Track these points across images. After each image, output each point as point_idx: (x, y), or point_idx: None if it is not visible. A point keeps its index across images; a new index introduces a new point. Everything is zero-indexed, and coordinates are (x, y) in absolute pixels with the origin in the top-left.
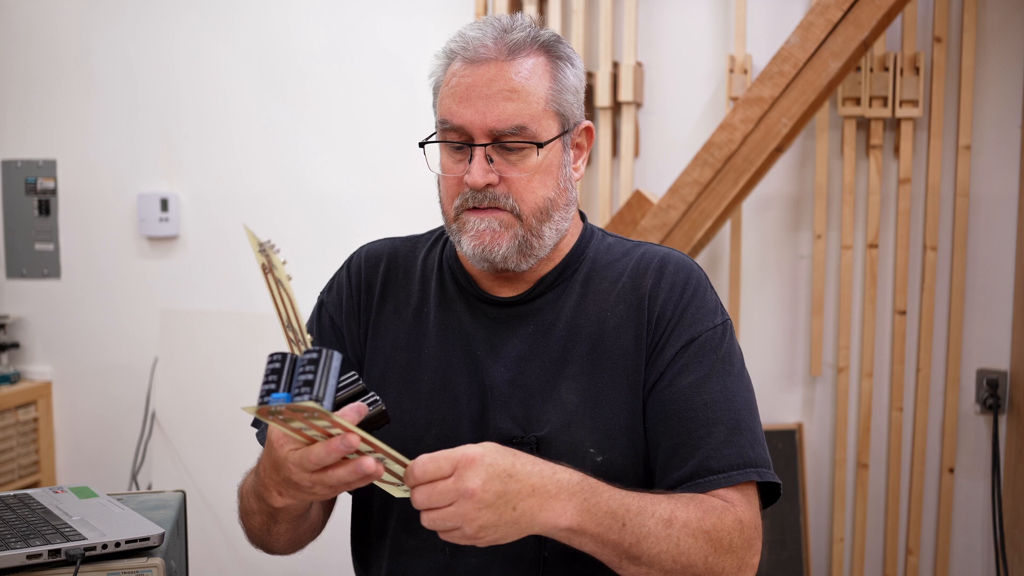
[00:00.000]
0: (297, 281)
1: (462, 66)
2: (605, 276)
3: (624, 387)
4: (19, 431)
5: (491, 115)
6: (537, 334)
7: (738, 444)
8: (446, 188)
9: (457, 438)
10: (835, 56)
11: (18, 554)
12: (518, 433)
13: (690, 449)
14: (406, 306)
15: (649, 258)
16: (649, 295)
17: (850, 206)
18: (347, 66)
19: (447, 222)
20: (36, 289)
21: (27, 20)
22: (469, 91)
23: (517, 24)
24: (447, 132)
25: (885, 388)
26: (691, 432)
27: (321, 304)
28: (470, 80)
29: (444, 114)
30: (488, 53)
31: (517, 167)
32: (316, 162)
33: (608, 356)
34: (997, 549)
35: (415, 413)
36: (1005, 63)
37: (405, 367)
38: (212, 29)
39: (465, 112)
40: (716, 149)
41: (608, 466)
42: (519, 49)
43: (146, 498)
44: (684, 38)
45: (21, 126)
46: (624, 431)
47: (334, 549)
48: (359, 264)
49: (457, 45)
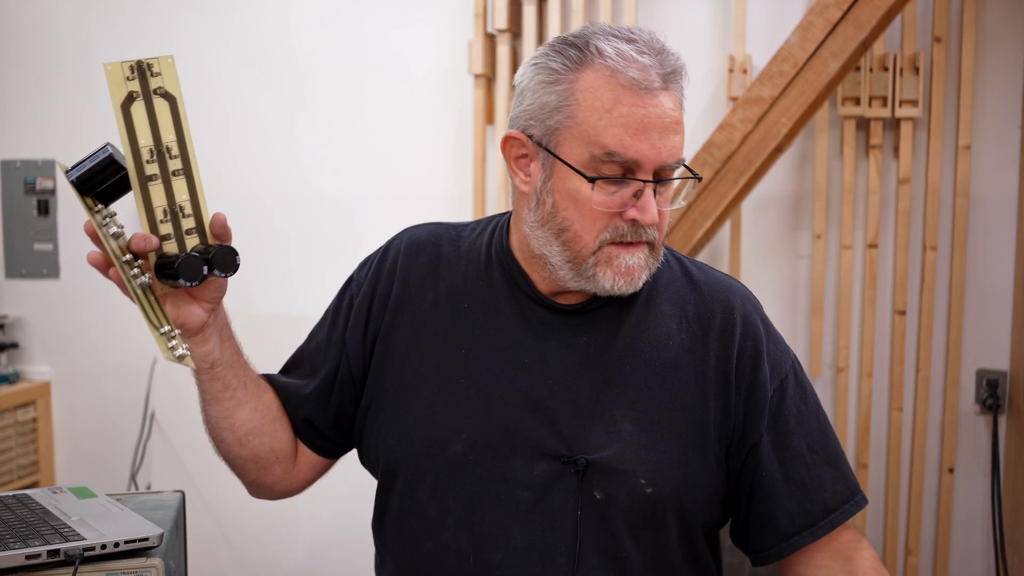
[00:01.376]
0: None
1: (627, 92)
2: (666, 297)
3: (682, 421)
4: (18, 431)
5: (665, 149)
6: (591, 348)
7: (843, 475)
8: (592, 219)
9: (486, 447)
10: (835, 56)
11: (17, 554)
12: (563, 452)
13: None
14: (447, 301)
15: (713, 288)
16: (719, 333)
17: (850, 206)
18: (347, 66)
19: (580, 254)
20: (35, 289)
21: (27, 20)
22: (644, 124)
23: (664, 47)
24: (611, 164)
25: (885, 388)
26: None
27: (350, 281)
28: (643, 111)
29: (614, 146)
30: (656, 82)
31: (665, 199)
32: (316, 162)
33: (668, 386)
34: (997, 549)
35: (446, 415)
36: (1005, 63)
37: (441, 366)
38: (212, 29)
39: (642, 146)
40: (716, 149)
41: (656, 498)
42: (673, 78)
43: (145, 498)
44: (684, 38)
45: (20, 126)
46: (678, 465)
47: (332, 546)
48: (398, 250)
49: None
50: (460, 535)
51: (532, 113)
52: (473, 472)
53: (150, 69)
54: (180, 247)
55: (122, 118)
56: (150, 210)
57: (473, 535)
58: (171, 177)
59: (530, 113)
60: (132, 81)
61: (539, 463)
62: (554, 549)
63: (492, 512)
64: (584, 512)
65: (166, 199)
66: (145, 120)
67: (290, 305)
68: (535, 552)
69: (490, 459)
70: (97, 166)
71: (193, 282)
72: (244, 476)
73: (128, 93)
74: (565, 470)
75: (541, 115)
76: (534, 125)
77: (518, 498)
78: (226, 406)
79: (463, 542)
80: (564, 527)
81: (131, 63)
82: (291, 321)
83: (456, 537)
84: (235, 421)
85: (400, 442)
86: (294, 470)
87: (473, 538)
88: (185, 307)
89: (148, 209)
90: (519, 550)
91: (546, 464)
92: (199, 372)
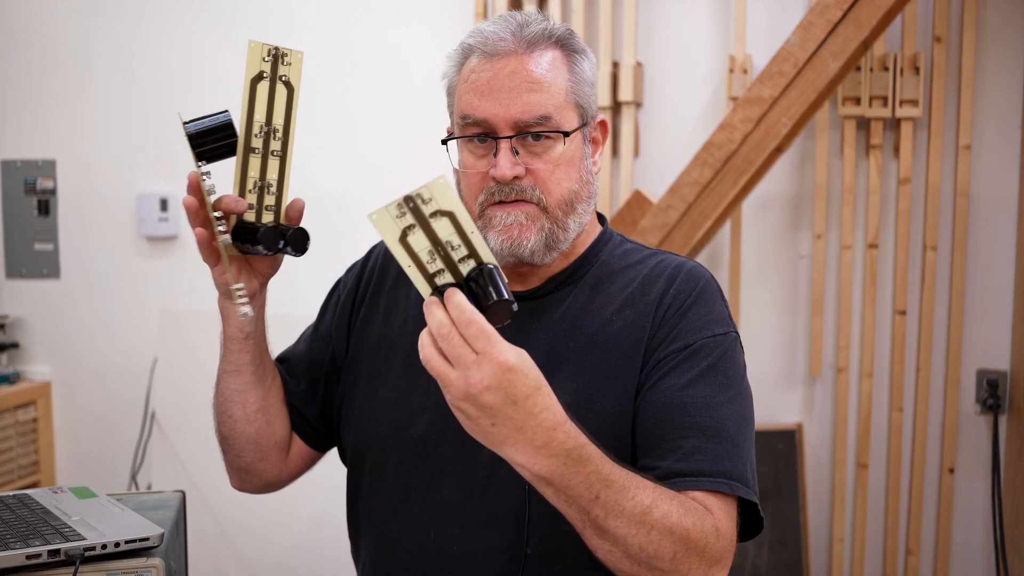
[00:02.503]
0: (298, 280)
1: (480, 61)
2: (615, 281)
3: (617, 390)
4: (18, 431)
5: (515, 106)
6: (539, 331)
7: (713, 452)
8: (468, 185)
9: (446, 427)
10: (835, 56)
11: (17, 554)
12: None
13: (664, 451)
14: (417, 293)
15: (663, 267)
16: (657, 302)
17: (850, 206)
18: (347, 66)
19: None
20: (35, 289)
21: (27, 20)
22: (490, 84)
23: (532, 19)
24: (468, 127)
25: (885, 388)
26: (665, 435)
27: (338, 283)
28: (490, 74)
29: (465, 109)
30: (507, 46)
31: (542, 158)
32: (315, 162)
33: (605, 359)
34: (997, 549)
35: (411, 397)
36: (1005, 63)
37: (408, 352)
38: (211, 29)
39: (488, 105)
40: (716, 149)
41: None
42: (537, 42)
43: (145, 498)
44: (684, 38)
45: (20, 126)
46: (609, 435)
47: (332, 546)
48: (380, 252)
49: (474, 40)
50: (422, 512)
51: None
52: (435, 451)
53: (284, 58)
54: (257, 219)
55: (248, 91)
56: (244, 179)
57: (434, 511)
58: (269, 156)
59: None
60: (266, 62)
61: None
62: (505, 522)
63: (451, 488)
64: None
65: (259, 173)
66: (265, 99)
67: (289, 305)
68: (489, 526)
69: (450, 438)
70: (215, 126)
71: (269, 251)
72: (240, 458)
73: (259, 71)
74: None
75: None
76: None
77: (474, 475)
78: (245, 379)
79: (424, 518)
80: (515, 501)
81: (271, 47)
82: (291, 321)
83: (418, 514)
84: (249, 397)
85: (368, 425)
86: (286, 459)
87: (434, 514)
88: (245, 274)
89: (243, 177)
90: (474, 524)
91: None
92: (232, 341)
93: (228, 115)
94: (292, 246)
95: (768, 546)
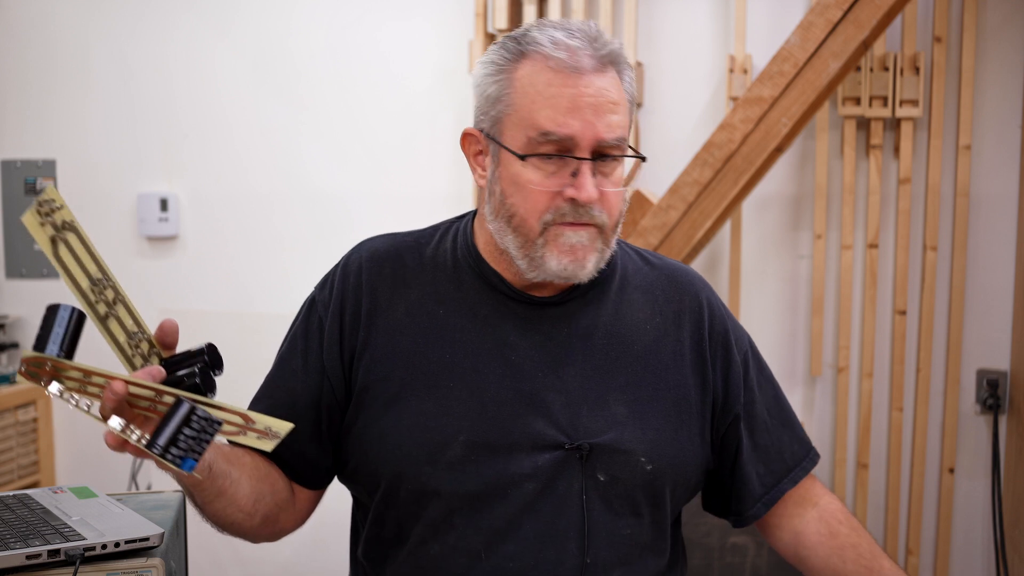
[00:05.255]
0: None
1: (558, 75)
2: (636, 286)
3: (668, 400)
4: (19, 431)
5: (600, 127)
6: (575, 339)
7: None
8: (533, 201)
9: (486, 444)
10: (835, 56)
11: (17, 554)
12: (564, 440)
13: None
14: (420, 309)
15: (675, 274)
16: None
17: (850, 206)
18: (346, 66)
19: (528, 238)
20: (36, 289)
21: (26, 20)
22: (575, 102)
23: (600, 33)
24: (548, 144)
25: (885, 388)
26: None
27: (312, 302)
28: (574, 91)
29: (547, 124)
30: (588, 64)
31: (611, 180)
32: (315, 162)
33: (651, 368)
34: (997, 549)
35: (441, 420)
36: (1005, 63)
37: (427, 374)
38: (211, 29)
39: (575, 123)
40: (716, 149)
41: (655, 475)
42: (612, 61)
43: (146, 498)
44: (684, 38)
45: (20, 126)
46: (670, 442)
47: (333, 546)
48: (359, 264)
49: (544, 49)
50: (468, 533)
51: (481, 107)
52: (476, 472)
53: (50, 204)
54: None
55: (59, 266)
56: (122, 349)
57: (482, 532)
58: (113, 308)
59: (480, 108)
60: (45, 225)
61: (541, 454)
62: (563, 534)
63: (499, 507)
64: (589, 495)
65: (123, 332)
66: (72, 260)
67: (289, 305)
68: (546, 539)
69: (491, 457)
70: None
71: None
72: (259, 538)
73: (50, 237)
74: (569, 457)
75: (487, 107)
76: (483, 119)
77: (524, 490)
78: (230, 494)
79: (472, 540)
80: (571, 512)
81: (34, 207)
82: (290, 321)
83: (464, 536)
84: (240, 501)
85: (396, 453)
86: (296, 509)
87: (482, 535)
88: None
89: (120, 348)
90: (529, 539)
91: (548, 454)
92: (197, 486)
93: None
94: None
95: (768, 546)
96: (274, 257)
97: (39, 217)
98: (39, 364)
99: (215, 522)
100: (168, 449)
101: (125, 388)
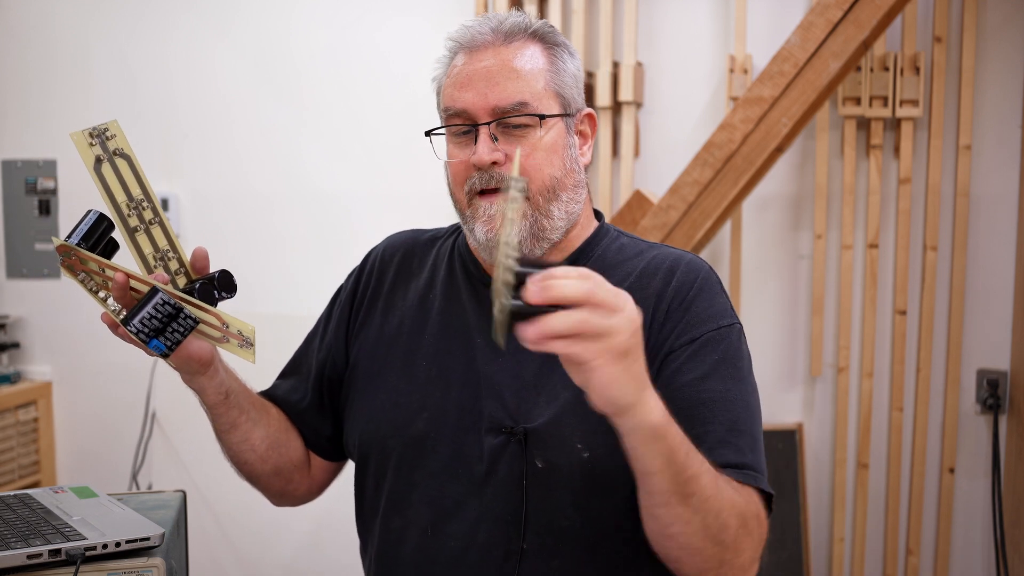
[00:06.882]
0: (298, 279)
1: (462, 56)
2: (612, 275)
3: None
4: (19, 431)
5: (492, 94)
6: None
7: (735, 446)
8: (455, 176)
9: (445, 424)
10: (835, 56)
11: (18, 554)
12: (508, 423)
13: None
14: (414, 294)
15: (660, 260)
16: (656, 296)
17: (850, 206)
18: (346, 65)
19: (461, 212)
20: (36, 289)
21: (27, 20)
22: (470, 76)
23: (511, 16)
24: (451, 119)
25: (885, 388)
26: (687, 431)
27: (339, 290)
28: (471, 67)
29: (447, 101)
30: (486, 39)
31: (528, 143)
32: (316, 162)
33: None
34: (997, 549)
35: (410, 397)
36: (1005, 63)
37: (406, 352)
38: (211, 29)
39: (466, 95)
40: (716, 149)
41: (594, 463)
42: (515, 35)
43: (146, 498)
44: (684, 38)
45: (21, 126)
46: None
47: (333, 546)
48: (377, 255)
49: (457, 35)
50: (422, 509)
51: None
52: (434, 449)
53: (105, 133)
54: (174, 285)
55: (98, 180)
56: (144, 257)
57: (433, 508)
58: (150, 226)
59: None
60: (94, 146)
61: (489, 437)
62: (501, 519)
63: (451, 486)
64: (529, 482)
65: (152, 246)
66: (116, 179)
67: (290, 305)
68: (485, 522)
69: (450, 436)
70: (91, 226)
71: (213, 305)
72: (269, 489)
73: (96, 157)
74: (508, 441)
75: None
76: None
77: (473, 472)
78: (244, 429)
79: (425, 515)
80: (512, 497)
81: (89, 130)
82: (292, 321)
83: (419, 511)
84: (254, 441)
85: (370, 426)
86: (310, 475)
87: (433, 511)
88: (196, 342)
89: (141, 257)
90: (471, 520)
91: (495, 438)
92: (215, 407)
93: (96, 212)
94: (225, 291)
95: (768, 546)
96: (274, 257)
97: (89, 138)
98: (67, 254)
99: (231, 458)
100: (132, 323)
101: (126, 279)
